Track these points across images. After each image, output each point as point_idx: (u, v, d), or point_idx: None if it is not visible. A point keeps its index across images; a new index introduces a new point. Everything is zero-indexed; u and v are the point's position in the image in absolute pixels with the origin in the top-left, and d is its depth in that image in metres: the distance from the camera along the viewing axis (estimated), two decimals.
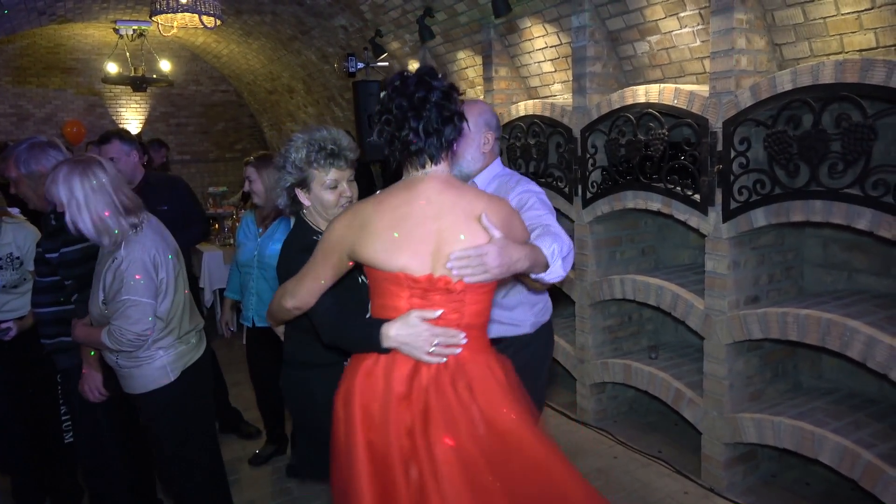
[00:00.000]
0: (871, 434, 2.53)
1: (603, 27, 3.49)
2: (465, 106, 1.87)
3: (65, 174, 2.13)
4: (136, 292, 2.10)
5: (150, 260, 2.16)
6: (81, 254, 2.36)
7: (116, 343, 2.13)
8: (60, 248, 2.38)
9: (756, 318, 2.74)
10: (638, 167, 3.18)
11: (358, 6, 5.30)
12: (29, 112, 8.82)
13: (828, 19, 2.57)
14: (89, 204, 2.10)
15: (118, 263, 2.12)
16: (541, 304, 2.28)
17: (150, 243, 2.18)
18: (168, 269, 2.23)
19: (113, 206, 2.14)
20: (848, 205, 2.34)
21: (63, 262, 2.39)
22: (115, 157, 3.10)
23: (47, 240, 2.44)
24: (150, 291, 2.15)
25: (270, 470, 3.38)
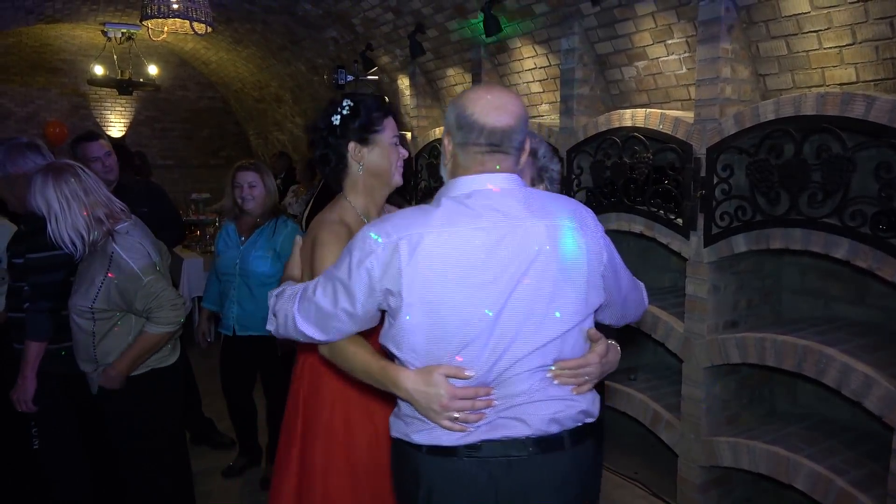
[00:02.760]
0: (843, 461, 2.56)
1: (592, 51, 3.54)
2: None
3: (40, 185, 2.13)
4: (148, 272, 2.18)
5: (144, 247, 2.24)
6: (47, 262, 2.31)
7: (169, 321, 2.22)
8: (26, 252, 2.34)
9: (734, 342, 2.77)
10: (622, 189, 3.22)
11: (350, 19, 5.33)
12: (10, 111, 8.71)
13: (810, 52, 2.63)
14: (65, 213, 2.11)
15: (117, 258, 2.15)
16: None
17: (136, 234, 2.25)
18: (159, 263, 2.28)
19: (87, 211, 2.14)
20: (826, 234, 2.39)
21: (27, 268, 2.35)
22: (98, 157, 3.07)
23: (15, 243, 2.40)
24: (155, 268, 2.24)
25: (243, 482, 3.33)
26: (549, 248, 1.31)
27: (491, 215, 1.31)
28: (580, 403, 1.40)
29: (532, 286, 1.30)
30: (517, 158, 1.40)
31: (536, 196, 1.38)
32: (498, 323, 1.30)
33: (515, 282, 1.30)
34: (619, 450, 3.68)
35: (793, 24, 2.62)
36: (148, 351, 2.25)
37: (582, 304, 1.36)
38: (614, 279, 1.44)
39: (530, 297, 1.31)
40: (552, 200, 1.39)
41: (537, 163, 1.83)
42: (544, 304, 1.32)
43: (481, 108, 1.34)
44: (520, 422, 1.35)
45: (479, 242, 1.29)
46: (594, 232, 1.38)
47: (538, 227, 1.32)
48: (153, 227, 2.48)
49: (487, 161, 1.36)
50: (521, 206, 1.33)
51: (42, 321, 2.35)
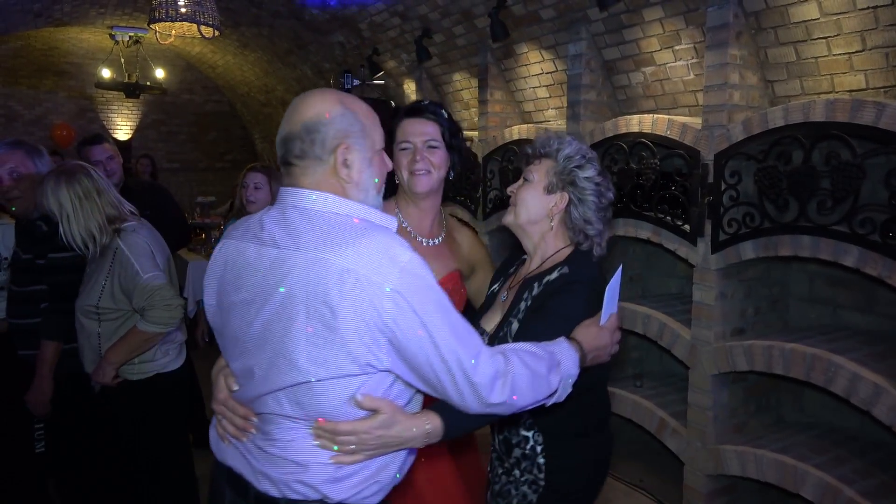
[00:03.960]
0: (852, 470, 2.53)
1: (599, 56, 3.54)
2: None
3: (53, 186, 2.15)
4: (149, 269, 2.17)
5: (149, 245, 2.23)
6: (70, 262, 2.32)
7: (162, 321, 2.17)
8: (48, 253, 2.34)
9: (742, 349, 2.75)
10: (629, 195, 3.21)
11: (356, 24, 5.34)
12: (18, 113, 8.75)
13: (819, 59, 2.62)
14: (78, 214, 2.13)
15: (120, 254, 2.16)
16: None
17: (143, 233, 2.26)
18: (163, 263, 2.28)
19: (100, 213, 2.17)
20: (836, 241, 2.37)
21: (50, 268, 2.35)
22: (102, 160, 3.07)
23: (35, 245, 2.38)
24: (157, 266, 2.22)
25: None
26: (300, 286, 1.13)
27: (258, 234, 1.23)
28: (311, 475, 1.18)
29: (270, 317, 1.17)
30: (313, 168, 1.21)
31: (312, 224, 1.17)
32: (245, 348, 1.22)
33: (250, 309, 1.20)
34: (624, 457, 3.65)
35: (802, 30, 2.61)
36: (137, 347, 2.21)
37: (320, 357, 1.13)
38: (412, 349, 1.13)
39: (264, 329, 1.18)
40: (339, 234, 1.14)
41: (556, 166, 1.61)
42: (283, 341, 1.15)
43: (283, 120, 1.25)
44: (247, 463, 1.25)
45: (237, 259, 1.24)
46: (381, 287, 1.09)
47: (300, 259, 1.14)
48: (157, 230, 2.49)
49: (284, 175, 1.26)
50: (282, 229, 1.19)
51: (60, 321, 2.34)
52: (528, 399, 1.26)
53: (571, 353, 1.36)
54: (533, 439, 1.59)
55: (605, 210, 1.63)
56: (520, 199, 1.64)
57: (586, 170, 1.60)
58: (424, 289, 1.14)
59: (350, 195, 1.23)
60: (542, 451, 1.59)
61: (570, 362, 1.35)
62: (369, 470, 1.21)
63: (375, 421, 1.17)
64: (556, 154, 1.61)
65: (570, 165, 1.60)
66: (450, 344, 1.14)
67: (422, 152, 1.82)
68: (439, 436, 1.22)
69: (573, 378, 1.36)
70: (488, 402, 1.18)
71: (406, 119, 1.85)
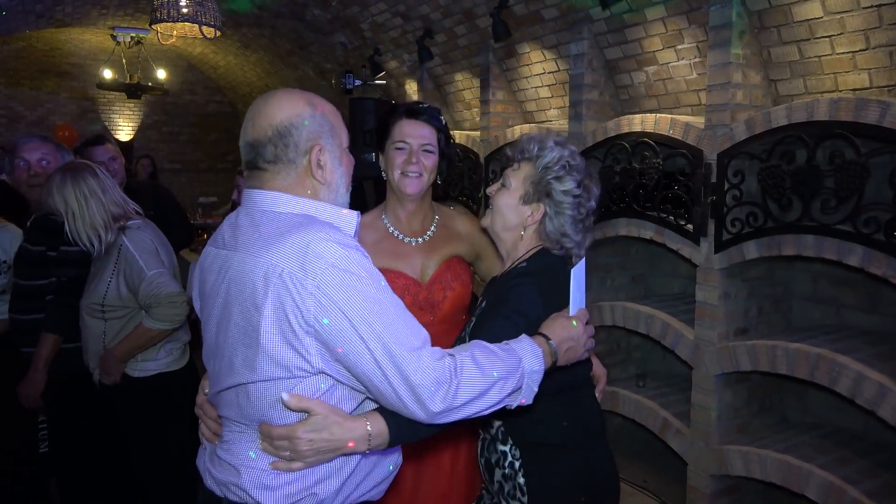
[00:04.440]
0: (857, 470, 2.52)
1: (601, 56, 3.53)
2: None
3: (58, 184, 2.17)
4: (154, 266, 2.18)
5: (153, 242, 2.25)
6: (80, 256, 2.33)
7: (166, 318, 2.17)
8: (61, 245, 2.34)
9: (745, 349, 2.74)
10: (631, 195, 3.20)
11: (358, 24, 5.34)
12: (20, 114, 8.76)
13: (823, 58, 2.61)
14: (83, 211, 2.15)
15: (125, 251, 2.18)
16: None
17: (147, 231, 2.28)
18: (167, 261, 2.30)
19: (105, 211, 2.18)
20: (840, 241, 2.36)
21: (61, 260, 2.34)
22: (105, 161, 3.07)
23: (49, 237, 2.36)
24: (162, 263, 2.24)
25: None
26: (235, 287, 1.14)
27: (216, 238, 1.26)
28: (244, 480, 1.16)
29: (217, 321, 1.19)
30: (285, 171, 1.20)
31: (256, 225, 1.17)
32: (209, 349, 1.24)
33: (210, 310, 1.21)
34: (628, 457, 3.65)
35: (805, 29, 2.60)
36: (142, 344, 2.22)
37: (251, 360, 1.12)
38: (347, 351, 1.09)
39: (214, 332, 1.20)
40: (269, 232, 1.13)
41: (534, 175, 1.51)
42: (223, 343, 1.17)
43: (244, 122, 1.24)
44: (203, 461, 1.28)
45: (204, 265, 1.27)
46: (297, 284, 1.07)
47: (237, 260, 1.15)
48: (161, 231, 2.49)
49: (248, 178, 1.24)
50: (231, 232, 1.21)
51: (64, 315, 2.34)
52: (483, 402, 1.17)
53: (534, 349, 1.27)
54: (510, 454, 1.46)
55: (585, 220, 1.56)
56: (495, 205, 1.58)
57: (565, 182, 1.50)
58: (354, 285, 1.08)
59: (321, 195, 1.23)
60: (520, 467, 1.44)
61: (532, 358, 1.25)
62: (304, 481, 1.16)
63: (307, 423, 1.12)
64: (536, 161, 1.53)
65: (547, 176, 1.50)
66: (383, 343, 1.08)
67: (417, 154, 1.82)
68: (384, 439, 1.15)
69: (539, 374, 1.26)
70: (430, 409, 1.10)
71: (405, 119, 1.84)
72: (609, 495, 1.53)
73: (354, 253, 1.12)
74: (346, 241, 1.13)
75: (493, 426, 1.50)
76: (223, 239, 1.23)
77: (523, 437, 1.46)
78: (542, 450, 1.45)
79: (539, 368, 1.27)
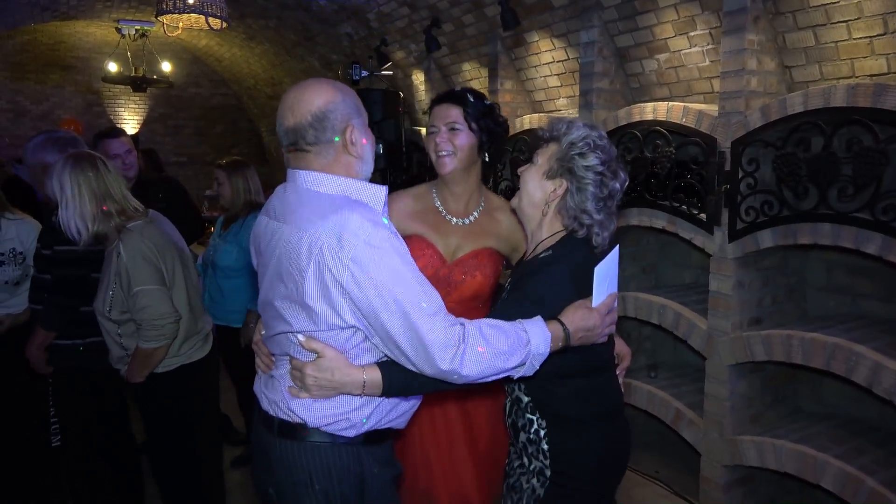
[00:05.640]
0: (872, 460, 2.51)
1: (611, 44, 3.49)
2: None
3: (59, 170, 2.12)
4: (142, 281, 2.10)
5: (150, 249, 2.15)
6: (72, 256, 2.32)
7: (154, 338, 2.13)
8: (54, 245, 2.34)
9: (759, 339, 2.72)
10: (643, 184, 3.17)
11: (364, 14, 5.30)
12: (26, 108, 8.75)
13: (839, 43, 2.57)
14: (75, 200, 2.09)
15: (120, 260, 2.11)
16: None
17: (148, 233, 2.18)
18: (173, 261, 2.22)
19: (96, 205, 2.11)
20: (858, 229, 2.33)
21: (53, 259, 2.35)
22: (121, 154, 3.07)
23: (45, 235, 2.42)
24: (157, 278, 2.15)
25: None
26: (284, 255, 1.36)
27: (268, 209, 1.48)
28: (285, 399, 1.43)
29: (269, 281, 1.42)
30: (325, 151, 1.40)
31: (301, 202, 1.38)
32: (262, 301, 1.48)
33: (264, 271, 1.45)
34: (640, 448, 3.62)
35: (821, 14, 2.56)
36: (147, 364, 2.20)
37: (297, 315, 1.36)
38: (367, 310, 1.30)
39: (268, 290, 1.44)
40: (313, 210, 1.34)
41: (559, 151, 1.57)
42: (273, 297, 1.41)
43: (280, 109, 1.41)
44: (264, 395, 1.52)
45: (259, 230, 1.49)
46: (334, 256, 1.28)
47: (286, 231, 1.37)
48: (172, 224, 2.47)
49: (290, 160, 1.44)
50: (281, 204, 1.43)
51: (55, 315, 2.36)
52: (485, 368, 1.32)
53: (545, 333, 1.39)
54: (537, 423, 1.57)
55: (607, 200, 1.56)
56: (522, 182, 1.64)
57: (588, 158, 1.53)
58: (381, 258, 1.29)
59: (355, 168, 1.44)
60: (545, 435, 1.57)
61: (540, 340, 1.38)
62: (341, 408, 1.40)
63: (315, 363, 1.36)
64: (562, 138, 1.57)
65: (571, 152, 1.54)
66: (401, 307, 1.28)
67: (444, 134, 1.92)
68: (377, 388, 1.37)
69: (543, 356, 1.40)
70: (439, 366, 1.29)
71: (434, 107, 1.97)
72: (620, 463, 1.67)
73: (383, 231, 1.32)
74: (376, 220, 1.33)
75: (523, 401, 1.60)
76: (274, 210, 1.44)
77: (549, 410, 1.56)
78: (566, 423, 1.56)
79: (545, 351, 1.40)
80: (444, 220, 1.98)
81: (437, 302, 1.33)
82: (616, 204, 1.59)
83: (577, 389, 1.55)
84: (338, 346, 1.37)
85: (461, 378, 1.32)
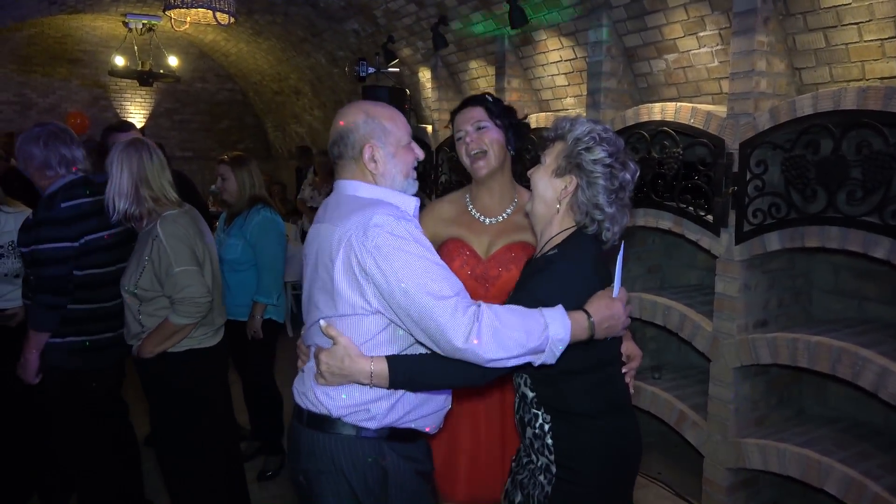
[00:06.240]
0: (878, 465, 2.49)
1: (620, 43, 3.48)
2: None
3: (115, 149, 2.31)
4: (183, 262, 2.24)
5: (186, 234, 2.28)
6: (51, 254, 2.32)
7: (188, 314, 2.25)
8: (32, 244, 2.33)
9: (765, 342, 2.71)
10: (650, 185, 3.16)
11: (371, 11, 5.29)
12: (33, 101, 8.78)
13: (850, 45, 2.56)
14: (116, 179, 2.26)
15: (158, 241, 2.23)
16: None
17: (182, 221, 2.31)
18: (203, 250, 2.35)
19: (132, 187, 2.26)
20: (866, 233, 2.32)
21: (33, 259, 2.34)
22: None
23: (23, 232, 2.39)
24: (195, 260, 2.29)
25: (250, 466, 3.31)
26: (321, 248, 1.50)
27: (317, 216, 1.62)
28: (312, 390, 1.52)
29: (310, 276, 1.56)
30: (350, 165, 1.57)
31: (339, 204, 1.54)
32: (305, 299, 1.62)
33: (307, 268, 1.58)
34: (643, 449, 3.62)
35: (832, 15, 2.55)
36: (169, 337, 2.29)
37: (329, 301, 1.48)
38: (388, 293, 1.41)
39: (308, 284, 1.57)
40: (348, 209, 1.49)
41: (565, 149, 1.56)
42: (311, 289, 1.55)
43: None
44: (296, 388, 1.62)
45: (311, 235, 1.60)
46: (360, 244, 1.41)
47: (324, 229, 1.51)
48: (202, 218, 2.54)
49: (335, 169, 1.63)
50: (324, 210, 1.59)
51: (43, 314, 2.34)
52: (498, 350, 1.35)
53: (564, 319, 1.41)
54: (542, 417, 1.57)
55: (619, 192, 1.54)
56: (532, 184, 1.63)
57: (595, 151, 1.52)
58: (401, 247, 1.39)
59: (378, 183, 1.57)
60: (549, 429, 1.56)
61: (559, 327, 1.40)
62: (361, 398, 1.48)
63: (329, 350, 1.46)
64: (567, 135, 1.57)
65: (577, 148, 1.54)
66: (419, 290, 1.37)
67: (472, 135, 1.96)
68: (384, 379, 1.43)
69: (563, 342, 1.41)
70: (454, 344, 1.34)
71: (456, 115, 2.02)
72: (627, 461, 1.63)
73: (406, 223, 1.44)
74: (400, 215, 1.45)
75: (528, 396, 1.60)
76: (320, 216, 1.59)
77: (553, 405, 1.56)
78: (570, 417, 1.55)
79: (564, 337, 1.41)
80: (476, 221, 2.03)
81: (455, 286, 1.40)
82: (629, 195, 1.58)
83: (581, 384, 1.55)
84: (363, 333, 1.46)
85: (478, 358, 1.35)
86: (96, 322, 2.46)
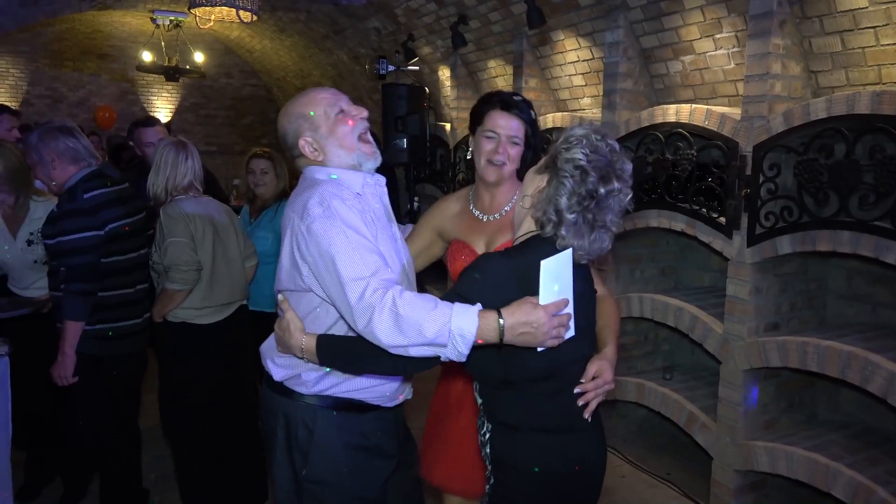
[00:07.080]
0: (887, 471, 2.49)
1: (637, 44, 3.48)
2: None
3: (162, 144, 2.66)
4: (173, 234, 2.48)
5: (183, 212, 2.52)
6: (76, 245, 2.39)
7: (177, 280, 2.49)
8: (58, 235, 2.40)
9: (775, 345, 2.71)
10: (664, 186, 3.16)
11: (392, 9, 5.34)
12: (63, 95, 8.99)
13: (867, 49, 2.54)
14: (156, 171, 2.57)
15: (161, 220, 2.51)
16: None
17: (186, 204, 2.56)
18: (204, 227, 2.56)
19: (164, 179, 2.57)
20: (877, 237, 2.31)
21: (58, 250, 2.41)
22: (155, 142, 3.16)
23: (47, 225, 2.47)
24: (186, 233, 2.50)
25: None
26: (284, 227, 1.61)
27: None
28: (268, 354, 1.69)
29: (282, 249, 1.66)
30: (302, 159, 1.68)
31: (298, 187, 1.66)
32: None
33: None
34: (652, 449, 3.64)
35: (849, 19, 2.53)
36: (169, 303, 2.57)
37: (283, 276, 1.62)
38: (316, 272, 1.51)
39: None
40: (299, 191, 1.62)
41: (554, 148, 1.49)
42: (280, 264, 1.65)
43: None
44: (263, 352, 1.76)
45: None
46: (297, 226, 1.52)
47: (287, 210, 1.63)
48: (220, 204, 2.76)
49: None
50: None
51: (77, 303, 2.41)
52: (394, 336, 1.36)
53: (470, 315, 1.35)
54: (486, 426, 1.58)
55: (585, 200, 1.40)
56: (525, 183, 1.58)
57: (572, 150, 1.41)
58: (328, 229, 1.47)
59: (327, 165, 1.65)
60: (489, 438, 1.56)
61: (463, 320, 1.34)
62: (296, 369, 1.62)
63: (279, 320, 1.61)
64: (564, 135, 1.50)
65: (561, 146, 1.45)
66: (338, 272, 1.44)
67: (504, 145, 1.92)
68: (312, 354, 1.53)
69: (467, 339, 1.35)
70: (358, 326, 1.42)
71: (498, 110, 1.92)
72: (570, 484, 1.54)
73: (338, 203, 1.51)
74: (336, 194, 1.54)
75: (478, 402, 1.63)
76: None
77: (494, 414, 1.56)
78: (504, 429, 1.54)
79: (467, 333, 1.35)
80: (475, 220, 2.04)
81: (371, 266, 1.44)
82: (610, 218, 1.45)
83: (517, 396, 1.49)
84: (304, 308, 1.58)
85: (378, 341, 1.39)
86: (118, 309, 2.54)
